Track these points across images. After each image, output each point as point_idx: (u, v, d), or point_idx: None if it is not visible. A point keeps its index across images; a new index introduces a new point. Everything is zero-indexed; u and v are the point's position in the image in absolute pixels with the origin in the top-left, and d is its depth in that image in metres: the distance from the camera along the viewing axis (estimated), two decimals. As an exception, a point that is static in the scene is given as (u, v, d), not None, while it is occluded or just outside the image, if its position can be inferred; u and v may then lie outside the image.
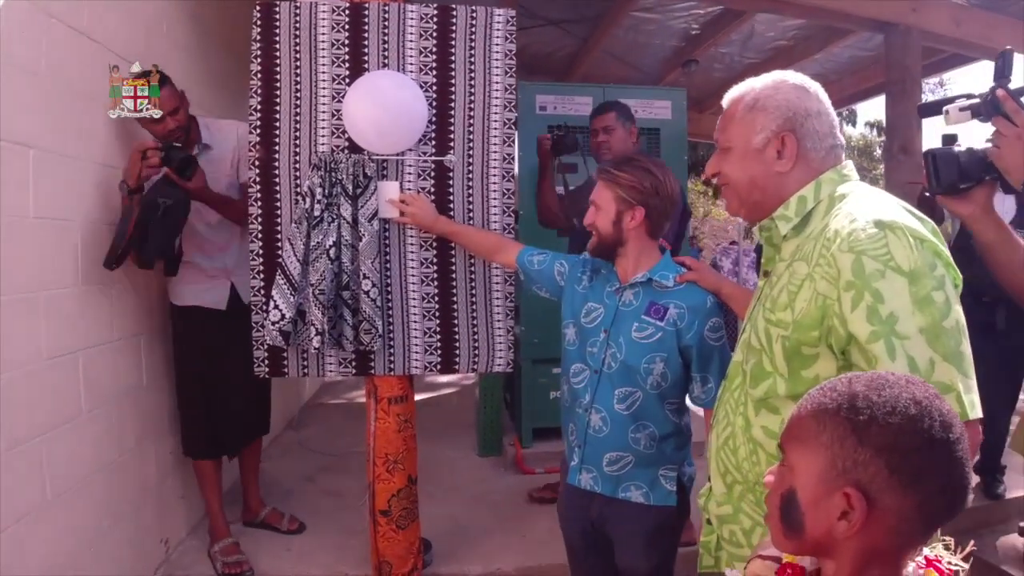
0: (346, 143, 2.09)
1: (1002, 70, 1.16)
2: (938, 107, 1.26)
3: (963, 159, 1.18)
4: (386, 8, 2.10)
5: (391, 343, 2.16)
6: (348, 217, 2.03)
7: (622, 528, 1.68)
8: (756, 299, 1.24)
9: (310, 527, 2.80)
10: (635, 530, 1.67)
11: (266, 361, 2.14)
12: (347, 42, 2.09)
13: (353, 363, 2.17)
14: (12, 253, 1.71)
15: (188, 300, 2.47)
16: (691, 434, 1.74)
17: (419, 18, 2.11)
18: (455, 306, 2.18)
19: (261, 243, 2.10)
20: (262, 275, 2.11)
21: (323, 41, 2.09)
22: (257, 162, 2.09)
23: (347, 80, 2.09)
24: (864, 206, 1.04)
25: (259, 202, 2.10)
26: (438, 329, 2.18)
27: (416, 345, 2.18)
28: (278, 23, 2.07)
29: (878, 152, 17.24)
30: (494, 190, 2.16)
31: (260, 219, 2.10)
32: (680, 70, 5.75)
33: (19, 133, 1.75)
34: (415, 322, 2.17)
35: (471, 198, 2.16)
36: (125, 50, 2.21)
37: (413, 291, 2.16)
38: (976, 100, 1.20)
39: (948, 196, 1.22)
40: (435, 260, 2.17)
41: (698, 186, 14.04)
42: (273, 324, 2.02)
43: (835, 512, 0.69)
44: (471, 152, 2.15)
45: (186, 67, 2.74)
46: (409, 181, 2.13)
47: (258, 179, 2.09)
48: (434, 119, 2.13)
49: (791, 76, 1.18)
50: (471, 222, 2.15)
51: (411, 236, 2.15)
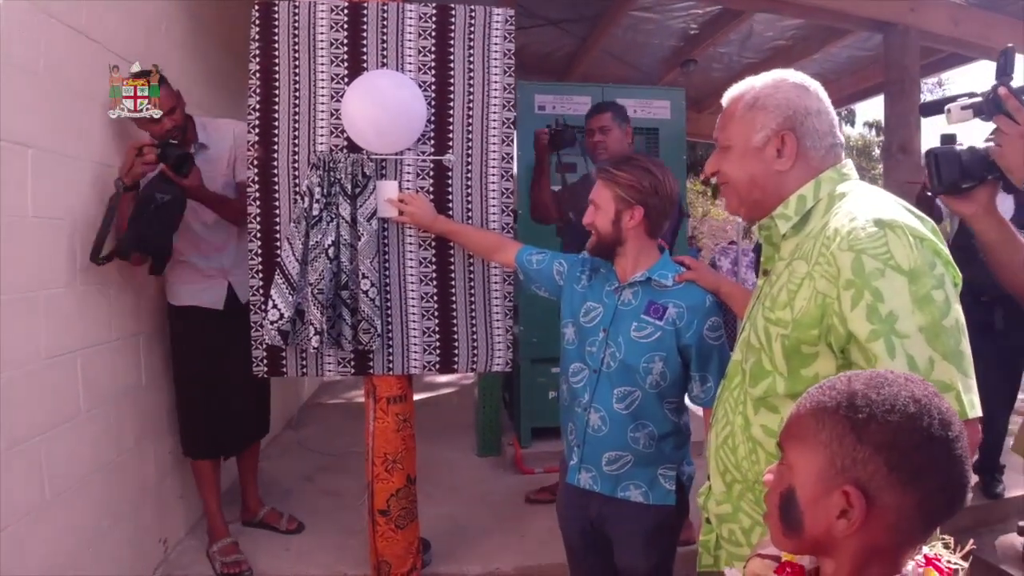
0: (345, 142, 2.09)
1: (1004, 68, 1.15)
2: (940, 106, 1.25)
3: (965, 158, 1.18)
4: (385, 7, 2.10)
5: (390, 343, 2.16)
6: (347, 216, 2.03)
7: (621, 527, 1.68)
8: (755, 298, 1.24)
9: (309, 527, 2.80)
10: (634, 529, 1.67)
11: (265, 361, 2.14)
12: (346, 41, 2.09)
13: (352, 363, 2.17)
14: (11, 253, 1.71)
15: (185, 300, 2.47)
16: (690, 433, 1.74)
17: (418, 17, 2.11)
18: (454, 306, 2.18)
19: (260, 243, 2.10)
20: (261, 274, 2.10)
21: (322, 40, 2.08)
22: (256, 161, 2.09)
23: (346, 79, 2.09)
24: (864, 205, 1.04)
25: (258, 201, 2.09)
26: (437, 328, 2.18)
27: (415, 345, 2.18)
28: (277, 22, 2.07)
29: (876, 152, 17.27)
30: (493, 189, 2.16)
31: (259, 218, 2.10)
32: (679, 70, 5.75)
33: (18, 132, 1.75)
34: (414, 321, 2.17)
35: (470, 197, 2.16)
36: (124, 50, 2.21)
37: (412, 290, 2.16)
38: (978, 99, 1.19)
39: (950, 195, 1.22)
40: (434, 259, 2.16)
41: (697, 186, 14.04)
42: (272, 324, 2.02)
43: (834, 510, 0.69)
44: (470, 151, 2.15)
45: (185, 66, 2.74)
46: (408, 180, 2.13)
47: (257, 178, 2.09)
48: (433, 118, 2.12)
49: (791, 75, 1.18)
50: (470, 221, 2.15)
51: (410, 235, 2.15)
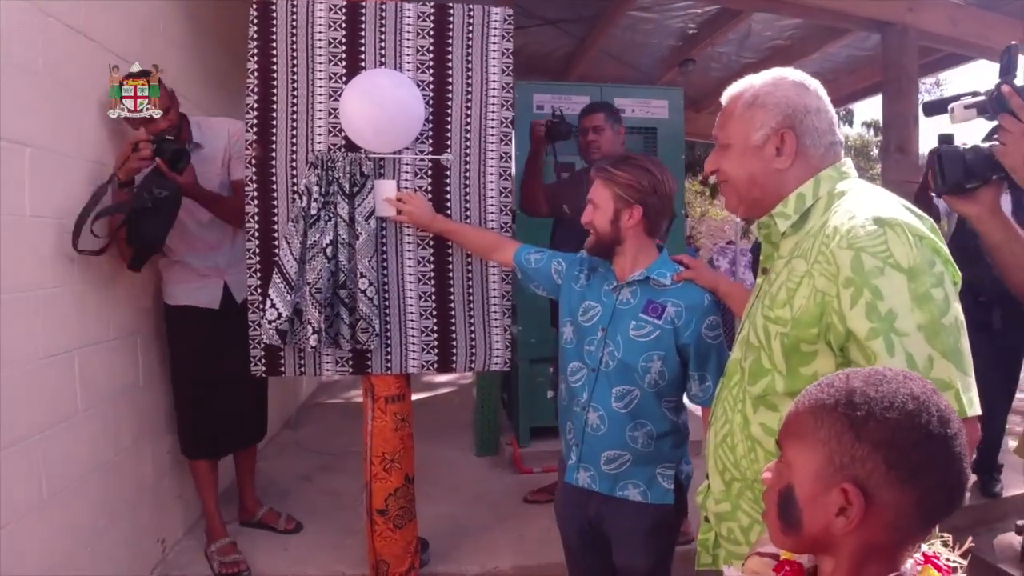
0: (343, 141, 2.08)
1: (1007, 66, 1.15)
2: (943, 105, 1.24)
3: (969, 157, 1.16)
4: (383, 6, 2.09)
5: (388, 342, 2.15)
6: (345, 216, 2.03)
7: (620, 526, 1.68)
8: (755, 296, 1.24)
9: (307, 527, 2.79)
10: (633, 528, 1.67)
11: (263, 360, 2.14)
12: (344, 40, 2.09)
13: (350, 362, 2.16)
14: (9, 252, 1.71)
15: (181, 300, 2.46)
16: (688, 432, 1.74)
17: (416, 16, 2.11)
18: (452, 305, 2.18)
19: (258, 242, 2.09)
20: (259, 274, 2.10)
21: (320, 39, 2.08)
22: (254, 160, 2.08)
23: (344, 78, 2.08)
24: (863, 203, 1.04)
25: (256, 200, 2.09)
26: (435, 328, 2.18)
27: (413, 344, 2.18)
28: (275, 22, 2.07)
29: (875, 152, 17.29)
30: (491, 189, 2.16)
31: (257, 218, 2.09)
32: (677, 69, 5.74)
33: (16, 132, 1.74)
34: (412, 321, 2.17)
35: (468, 197, 2.16)
36: (122, 49, 2.21)
37: (410, 290, 2.16)
38: (981, 97, 1.18)
39: (954, 196, 1.20)
40: (432, 259, 2.16)
41: (695, 186, 14.04)
42: (270, 323, 2.01)
43: (833, 508, 0.69)
44: (468, 151, 2.15)
45: (183, 66, 2.74)
46: (406, 180, 2.12)
47: (255, 178, 2.08)
48: (431, 118, 2.12)
49: (791, 73, 1.18)
50: (468, 221, 2.15)
51: (408, 235, 2.15)
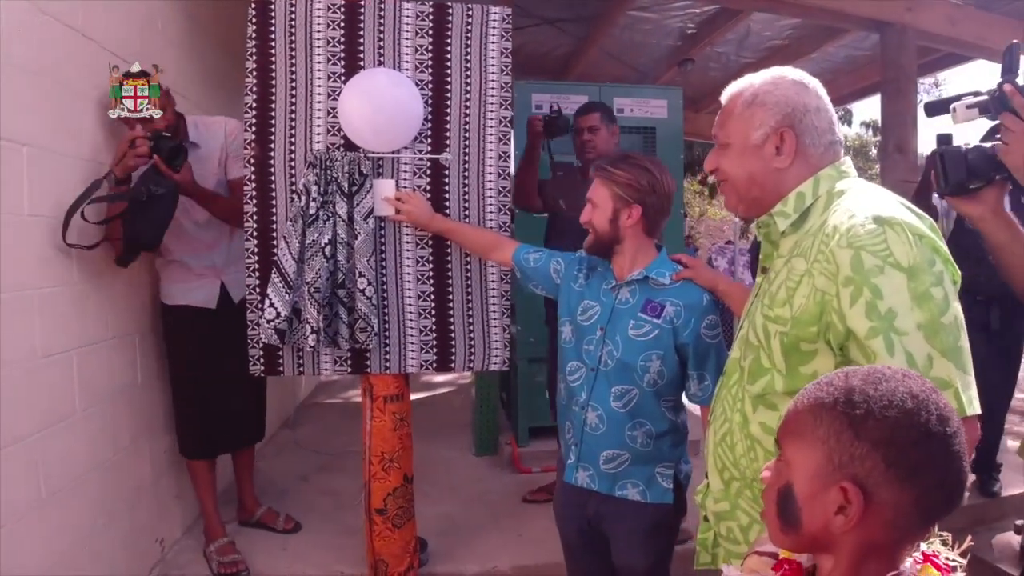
0: (342, 141, 2.08)
1: (1009, 65, 1.14)
2: (945, 105, 1.23)
3: (971, 157, 1.15)
4: (382, 5, 2.09)
5: (387, 341, 2.15)
6: (344, 215, 2.03)
7: (619, 526, 1.68)
8: (754, 295, 1.24)
9: (306, 526, 2.79)
10: (632, 528, 1.67)
11: (261, 360, 2.13)
12: (343, 39, 2.09)
13: (349, 361, 2.16)
14: (8, 251, 1.71)
15: (177, 299, 2.45)
16: (687, 432, 1.74)
17: (415, 16, 2.11)
18: (451, 304, 2.18)
19: (256, 241, 2.09)
20: (257, 273, 2.10)
21: (319, 38, 2.08)
22: (252, 160, 2.08)
23: (343, 78, 2.08)
24: (863, 202, 1.04)
25: (254, 200, 2.09)
26: (434, 327, 2.18)
27: (412, 343, 2.17)
28: (273, 21, 2.07)
29: (873, 152, 17.29)
30: (490, 188, 2.16)
31: (255, 217, 2.09)
32: (676, 69, 5.75)
33: (15, 131, 1.74)
34: (411, 320, 2.17)
35: (467, 196, 2.16)
36: (121, 48, 2.20)
37: (409, 289, 2.16)
38: (983, 97, 1.17)
39: (957, 197, 1.19)
40: (431, 258, 2.16)
41: (694, 185, 14.04)
42: (268, 322, 2.01)
43: (832, 507, 0.69)
44: (467, 150, 2.15)
45: (181, 65, 2.73)
46: (405, 179, 2.12)
47: (253, 177, 2.08)
48: (430, 117, 2.12)
49: (790, 72, 1.18)
50: (467, 220, 2.15)
51: (407, 234, 2.14)
